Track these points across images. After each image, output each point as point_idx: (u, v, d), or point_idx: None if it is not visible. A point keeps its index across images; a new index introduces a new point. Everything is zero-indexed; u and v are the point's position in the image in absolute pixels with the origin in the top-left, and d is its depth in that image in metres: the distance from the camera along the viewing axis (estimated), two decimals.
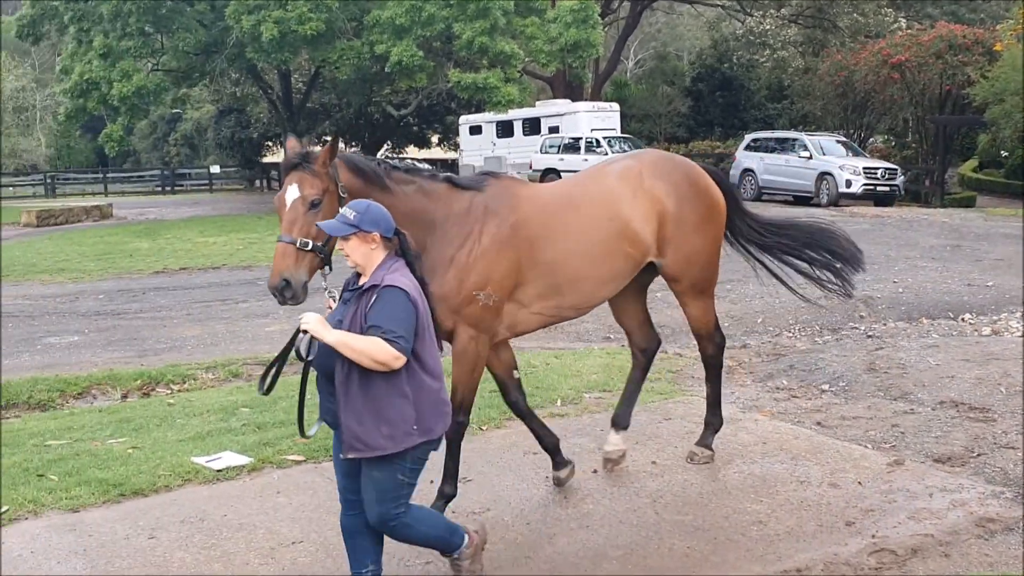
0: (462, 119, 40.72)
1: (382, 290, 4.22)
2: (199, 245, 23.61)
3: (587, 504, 6.09)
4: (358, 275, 4.45)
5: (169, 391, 10.35)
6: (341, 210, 4.48)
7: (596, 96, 43.09)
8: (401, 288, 4.23)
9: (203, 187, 51.65)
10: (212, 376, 10.81)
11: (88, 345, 12.95)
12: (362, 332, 4.17)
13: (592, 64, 42.05)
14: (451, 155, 49.90)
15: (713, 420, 6.86)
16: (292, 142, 5.20)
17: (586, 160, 30.00)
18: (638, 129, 46.53)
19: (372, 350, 4.12)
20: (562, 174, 31.69)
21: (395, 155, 47.56)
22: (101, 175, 54.97)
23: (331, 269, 4.96)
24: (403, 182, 5.46)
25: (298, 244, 4.81)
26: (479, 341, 5.63)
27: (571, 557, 5.36)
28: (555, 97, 40.03)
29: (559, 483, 6.32)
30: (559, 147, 33.38)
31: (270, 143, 49.84)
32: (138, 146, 62.20)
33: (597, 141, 32.38)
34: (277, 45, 27.40)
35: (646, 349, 6.86)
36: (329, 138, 6.01)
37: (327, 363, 4.33)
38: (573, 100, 37.82)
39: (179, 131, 58.56)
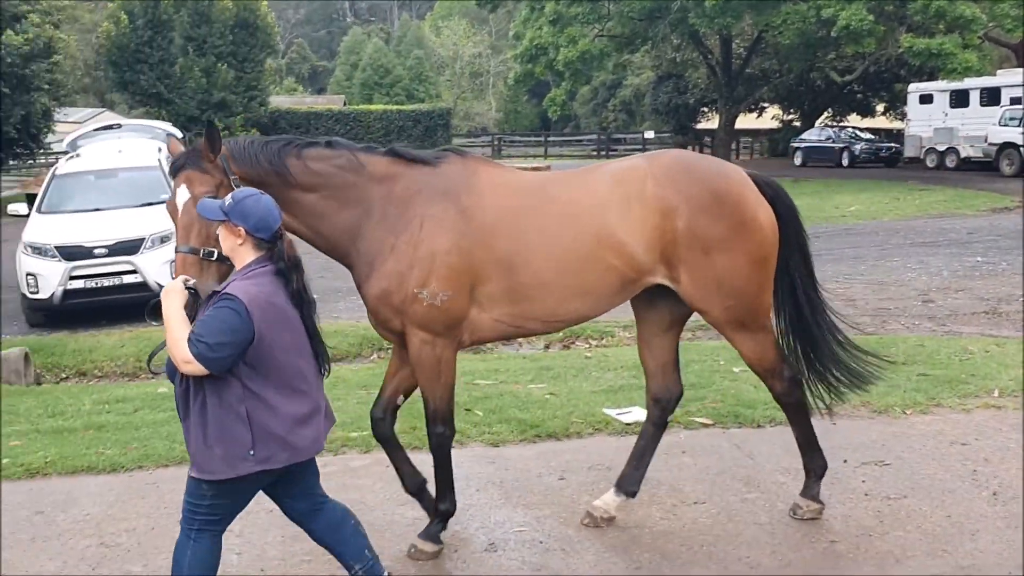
0: (911, 87, 38.28)
1: (220, 296, 3.81)
2: None
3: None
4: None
5: (588, 345, 10.77)
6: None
7: None
8: (236, 298, 3.75)
9: (636, 152, 52.93)
10: (628, 335, 11.07)
11: None
12: None
13: None
14: (896, 124, 47.13)
15: (812, 465, 5.41)
16: (174, 143, 4.72)
17: None
18: None
19: (172, 343, 3.74)
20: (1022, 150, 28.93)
21: (835, 123, 45.71)
22: (542, 138, 58.15)
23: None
24: (321, 159, 4.79)
25: (201, 254, 4.24)
26: (436, 345, 4.87)
27: (993, 557, 4.88)
28: (1020, 66, 36.40)
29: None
30: (1021, 120, 30.37)
31: (705, 109, 49.95)
32: (579, 111, 64.88)
33: None
34: (720, 10, 27.32)
35: (659, 399, 5.46)
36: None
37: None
38: None
39: (618, 97, 60.29)
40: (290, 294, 3.92)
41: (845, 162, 38.27)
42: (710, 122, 49.51)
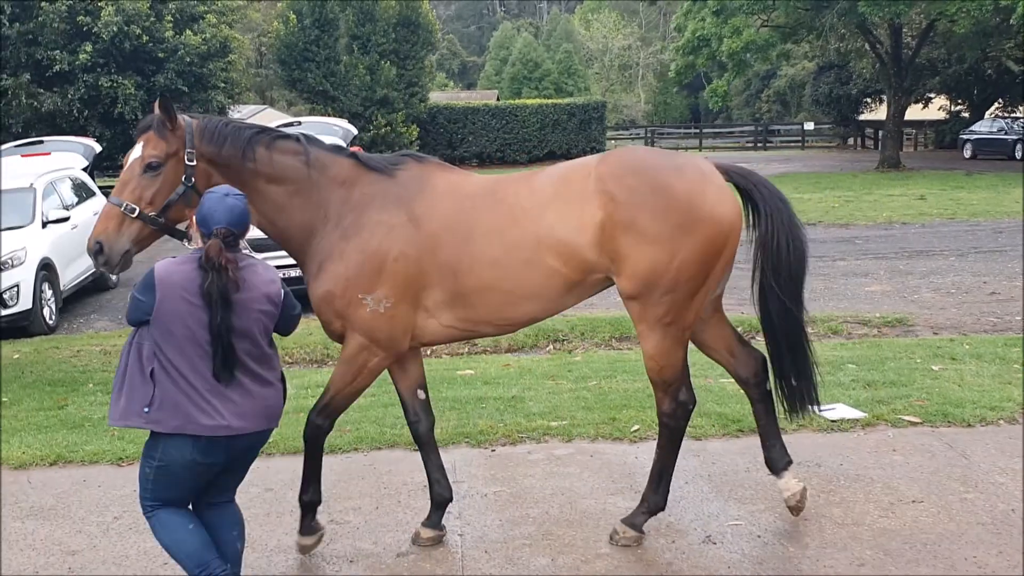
0: None
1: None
2: (794, 201, 23.54)
3: None
4: None
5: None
6: None
7: None
8: (153, 270, 4.08)
9: (793, 143, 51.82)
10: (811, 331, 10.80)
11: None
12: None
13: None
14: None
15: (652, 497, 5.18)
16: (156, 106, 4.68)
17: None
18: None
19: None
20: None
21: (1006, 114, 43.62)
22: (695, 130, 57.56)
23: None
24: (288, 153, 4.85)
25: (124, 208, 4.46)
26: (372, 353, 4.87)
27: None
28: None
29: (417, 541, 5.30)
30: None
31: (868, 100, 48.45)
32: (730, 102, 64.00)
33: None
34: None
35: (747, 378, 5.36)
36: None
37: None
38: None
39: (772, 87, 59.14)
40: (200, 290, 4.03)
41: (1019, 155, 36.54)
42: (873, 113, 48.03)
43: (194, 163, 4.61)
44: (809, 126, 50.82)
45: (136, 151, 4.58)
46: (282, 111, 51.43)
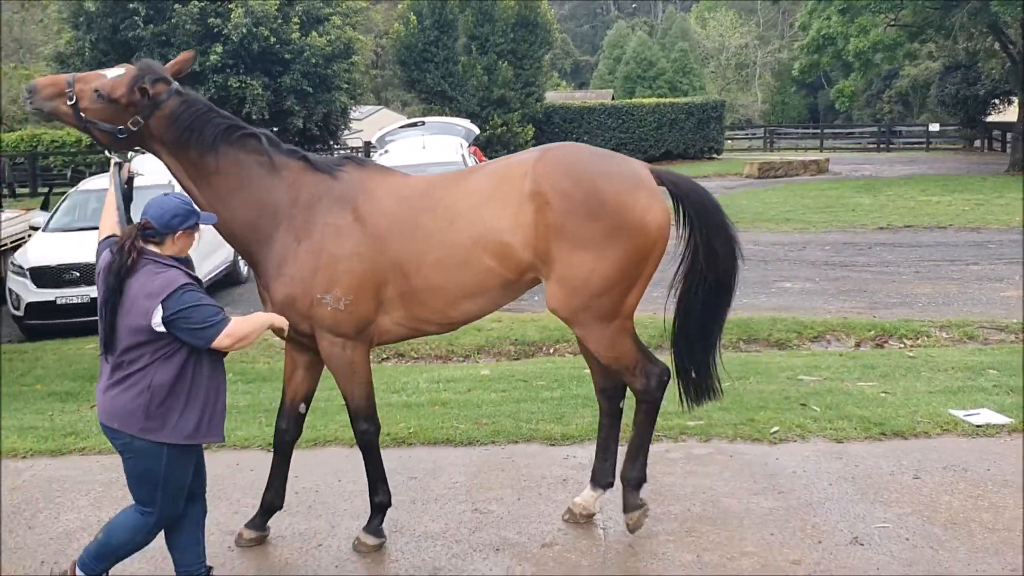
0: None
1: None
2: (921, 204, 23.23)
3: None
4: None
5: (902, 345, 10.48)
6: None
7: None
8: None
9: (917, 145, 50.39)
10: (945, 335, 10.72)
11: (819, 292, 13.58)
12: None
13: None
14: None
15: (630, 473, 5.35)
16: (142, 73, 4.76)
17: None
18: None
19: None
20: None
21: None
22: (815, 130, 56.44)
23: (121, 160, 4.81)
24: (247, 150, 4.93)
25: (68, 88, 4.69)
26: (345, 347, 5.00)
27: None
28: None
29: (239, 542, 5.44)
30: None
31: (996, 101, 46.80)
32: (856, 102, 62.57)
33: None
34: None
35: (604, 389, 5.48)
36: None
37: None
38: None
39: (894, 88, 57.59)
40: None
41: None
42: (1001, 115, 46.38)
43: (141, 123, 4.73)
44: (935, 127, 49.35)
45: (114, 71, 4.78)
46: (396, 111, 52.32)
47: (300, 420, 5.42)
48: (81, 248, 12.82)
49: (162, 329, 4.20)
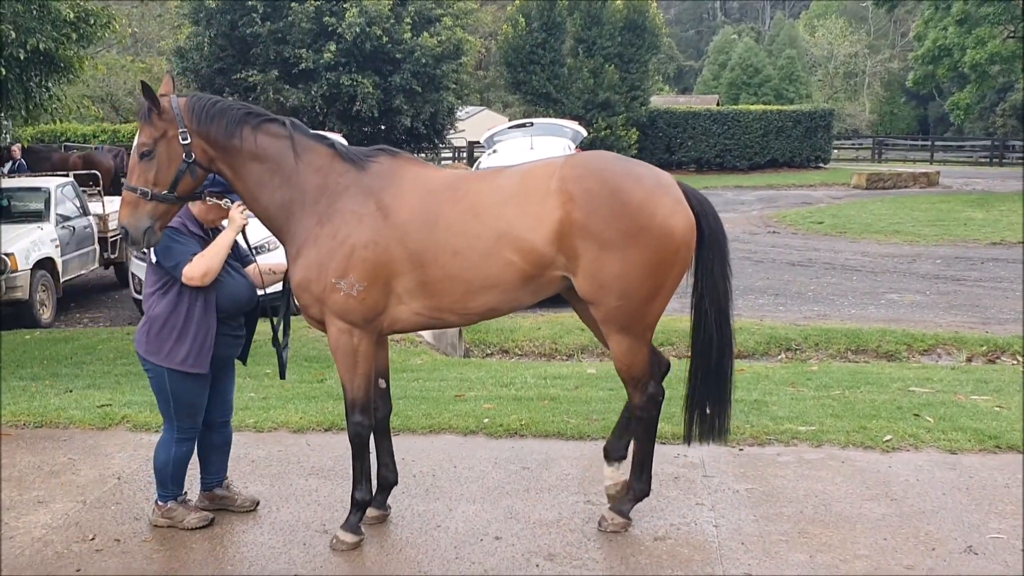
0: None
1: None
2: None
3: None
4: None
5: (1015, 361, 10.34)
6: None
7: None
8: None
9: None
10: None
11: (929, 306, 13.41)
12: None
13: None
14: None
15: (636, 485, 5.50)
16: (141, 94, 4.96)
17: None
18: None
19: None
20: None
21: None
22: (925, 142, 55.17)
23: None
24: (271, 136, 5.13)
25: (138, 192, 4.93)
26: (353, 335, 5.11)
27: None
28: None
29: (364, 520, 5.56)
30: None
31: None
32: (972, 115, 60.95)
33: None
34: None
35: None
36: None
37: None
38: None
39: (1008, 101, 56.00)
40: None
41: None
42: None
43: (188, 140, 4.97)
44: None
45: (136, 141, 5.04)
46: (498, 112, 52.67)
47: (386, 395, 5.61)
48: None
49: (155, 260, 5.26)
